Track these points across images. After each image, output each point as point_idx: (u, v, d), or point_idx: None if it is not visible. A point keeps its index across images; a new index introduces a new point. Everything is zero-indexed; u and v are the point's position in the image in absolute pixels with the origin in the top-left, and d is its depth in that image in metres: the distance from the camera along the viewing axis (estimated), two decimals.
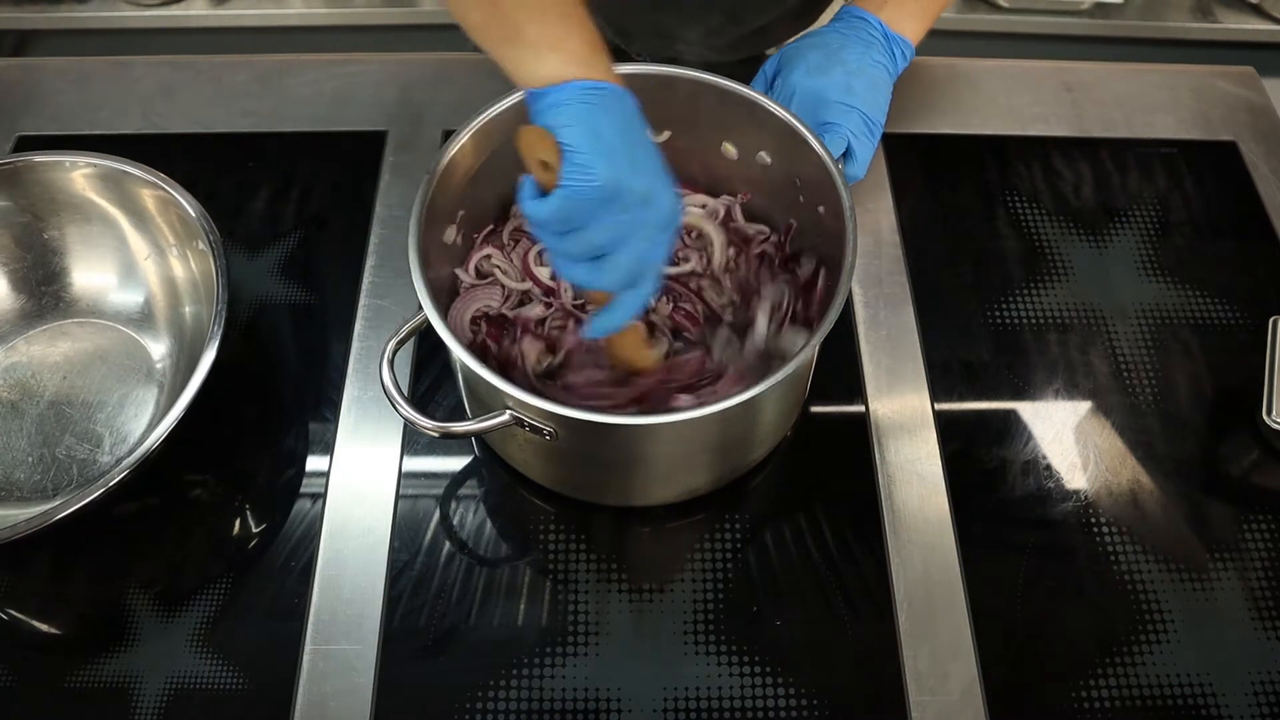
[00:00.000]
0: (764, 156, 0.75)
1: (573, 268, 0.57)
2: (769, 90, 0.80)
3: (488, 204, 0.78)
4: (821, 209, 0.70)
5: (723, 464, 0.72)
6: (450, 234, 0.74)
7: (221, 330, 0.69)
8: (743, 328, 0.73)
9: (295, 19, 1.97)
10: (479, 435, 0.74)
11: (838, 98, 0.75)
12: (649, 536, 0.74)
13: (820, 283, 0.73)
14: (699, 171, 0.79)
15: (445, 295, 0.75)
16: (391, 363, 0.63)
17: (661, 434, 0.64)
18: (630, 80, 0.58)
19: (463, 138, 0.69)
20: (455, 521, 0.74)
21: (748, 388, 0.59)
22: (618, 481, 0.72)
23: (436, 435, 0.63)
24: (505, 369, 0.72)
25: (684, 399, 0.69)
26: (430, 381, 0.79)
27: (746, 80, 0.74)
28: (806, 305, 0.73)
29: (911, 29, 0.80)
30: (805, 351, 0.62)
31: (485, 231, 0.78)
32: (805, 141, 0.70)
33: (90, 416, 0.77)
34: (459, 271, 0.76)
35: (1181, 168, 0.94)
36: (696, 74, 0.72)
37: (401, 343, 0.64)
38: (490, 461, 0.76)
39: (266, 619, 0.69)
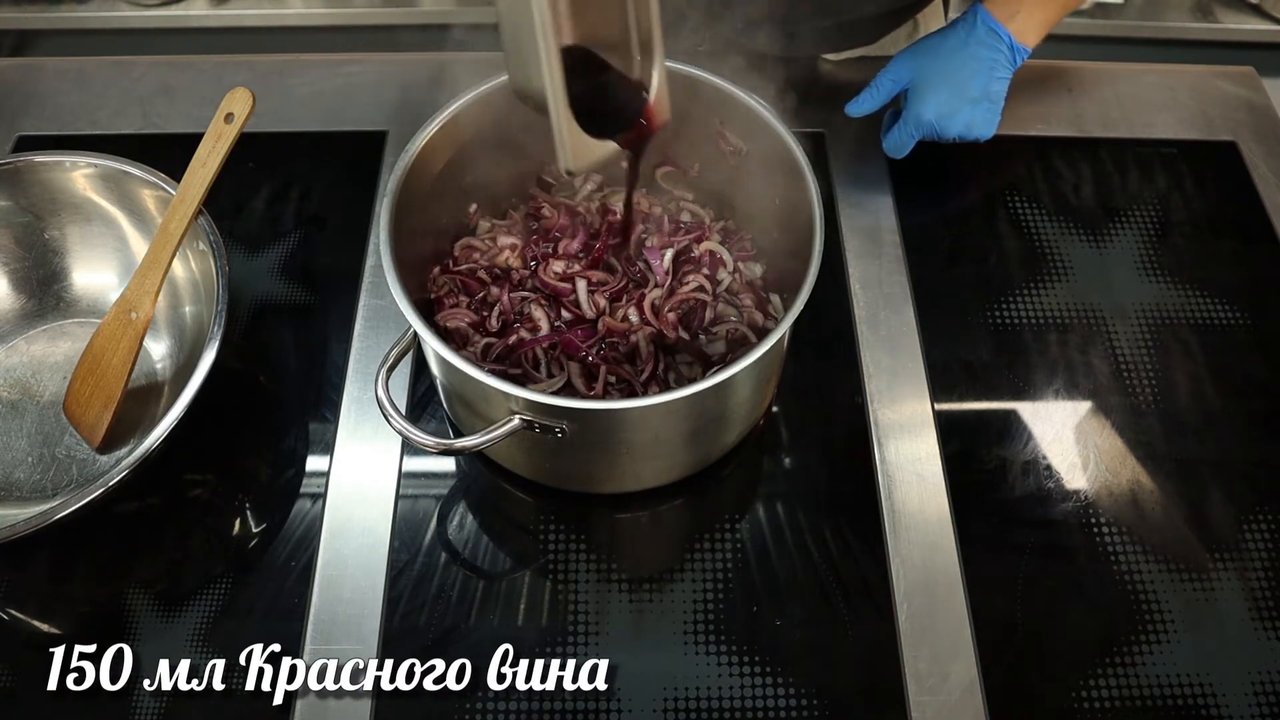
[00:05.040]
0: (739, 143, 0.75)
1: None
2: (889, 109, 0.87)
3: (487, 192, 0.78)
4: (777, 201, 0.71)
5: (705, 444, 0.71)
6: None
7: (221, 330, 0.69)
8: None
9: (295, 19, 1.96)
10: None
11: (957, 133, 0.85)
12: (647, 528, 0.74)
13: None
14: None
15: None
16: (387, 384, 0.62)
17: (678, 409, 0.62)
18: None
19: (415, 147, 0.69)
20: (455, 521, 0.74)
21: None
22: (613, 467, 0.71)
23: (436, 452, 0.61)
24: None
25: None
26: (430, 383, 0.79)
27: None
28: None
29: (1034, 39, 0.84)
30: (780, 327, 0.61)
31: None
32: (776, 133, 0.70)
33: None
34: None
35: (1181, 168, 0.94)
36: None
37: (392, 368, 0.63)
38: (492, 461, 0.76)
39: (266, 619, 0.69)
